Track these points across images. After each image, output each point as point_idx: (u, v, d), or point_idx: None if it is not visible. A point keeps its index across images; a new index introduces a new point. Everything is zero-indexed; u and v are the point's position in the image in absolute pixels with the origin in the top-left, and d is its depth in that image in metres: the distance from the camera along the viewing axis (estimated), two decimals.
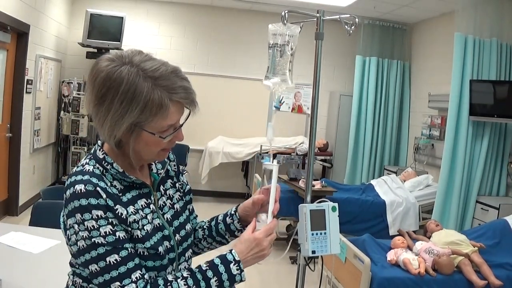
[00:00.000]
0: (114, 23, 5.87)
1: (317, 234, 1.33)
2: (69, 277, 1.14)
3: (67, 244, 1.07)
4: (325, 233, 1.34)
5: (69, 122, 5.77)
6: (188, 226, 1.22)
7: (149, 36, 6.43)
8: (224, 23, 6.64)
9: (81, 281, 1.10)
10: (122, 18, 5.88)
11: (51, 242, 2.22)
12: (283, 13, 1.39)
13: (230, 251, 1.10)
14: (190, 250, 1.23)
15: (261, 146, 6.06)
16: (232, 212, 1.28)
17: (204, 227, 1.32)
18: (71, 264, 1.12)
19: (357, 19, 1.50)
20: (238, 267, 1.07)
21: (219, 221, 1.30)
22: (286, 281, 3.94)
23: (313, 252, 1.33)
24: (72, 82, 5.85)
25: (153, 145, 1.07)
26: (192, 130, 6.46)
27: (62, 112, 5.85)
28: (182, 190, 1.28)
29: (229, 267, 1.07)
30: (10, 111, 4.69)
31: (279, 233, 4.56)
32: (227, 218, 1.28)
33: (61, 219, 1.06)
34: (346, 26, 1.51)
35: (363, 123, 6.28)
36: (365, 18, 6.21)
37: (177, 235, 1.16)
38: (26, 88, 4.82)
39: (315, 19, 1.48)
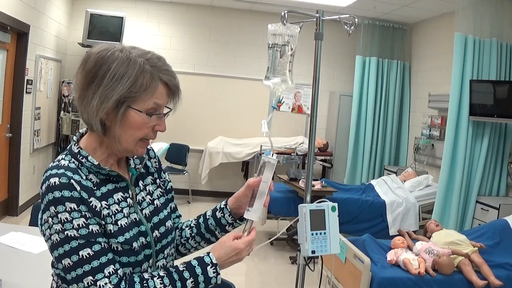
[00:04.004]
0: (114, 23, 5.87)
1: (317, 234, 1.33)
2: (53, 277, 1.14)
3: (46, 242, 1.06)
4: (324, 233, 1.34)
5: (69, 122, 5.77)
6: (168, 223, 1.20)
7: (149, 36, 6.44)
8: (224, 23, 6.64)
9: (60, 281, 1.09)
10: (122, 18, 5.88)
11: None
12: (282, 13, 1.39)
13: (208, 253, 1.11)
14: (170, 248, 1.20)
15: (261, 146, 6.06)
16: (222, 206, 1.27)
17: (191, 225, 1.30)
18: (52, 265, 1.11)
19: (356, 19, 1.51)
20: (215, 270, 1.08)
21: (208, 217, 1.28)
22: (286, 281, 3.94)
23: (313, 252, 1.33)
24: (72, 82, 5.85)
25: (137, 128, 1.06)
26: (192, 130, 6.47)
27: (62, 112, 5.86)
28: (164, 187, 1.26)
29: (206, 269, 1.08)
30: (10, 111, 4.69)
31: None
32: (217, 213, 1.27)
33: (39, 216, 1.05)
34: (345, 26, 1.51)
35: (363, 123, 6.28)
36: (365, 18, 6.21)
37: (156, 231, 1.15)
38: (26, 88, 4.82)
39: (315, 19, 1.48)
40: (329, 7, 5.74)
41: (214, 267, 1.08)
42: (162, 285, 1.03)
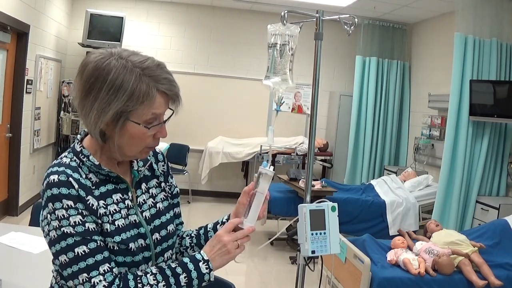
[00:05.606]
0: (114, 23, 5.87)
1: (316, 234, 1.33)
2: (53, 274, 1.15)
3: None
4: (324, 233, 1.34)
5: (69, 122, 5.77)
6: (170, 227, 1.20)
7: (149, 36, 6.44)
8: (224, 23, 6.64)
9: (59, 278, 1.11)
10: (122, 18, 5.88)
11: None
12: (282, 13, 1.39)
13: (199, 252, 1.12)
14: (171, 252, 1.21)
15: (261, 146, 6.06)
16: (224, 220, 1.27)
17: (192, 235, 1.31)
18: (52, 261, 1.12)
19: (356, 19, 1.51)
20: (207, 266, 1.09)
21: (209, 229, 1.29)
22: (286, 281, 3.94)
23: (313, 252, 1.33)
24: (72, 82, 5.85)
25: (138, 139, 1.07)
26: (192, 130, 6.47)
27: (62, 112, 5.86)
28: (169, 192, 1.27)
29: (199, 265, 1.09)
30: (10, 111, 4.69)
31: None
32: (218, 226, 1.27)
33: (40, 212, 1.07)
34: (345, 26, 1.51)
35: (363, 123, 6.28)
36: (365, 18, 6.21)
37: (156, 234, 1.16)
38: (26, 88, 4.82)
39: (315, 19, 1.48)
40: (329, 7, 5.74)
41: (206, 263, 1.09)
42: (155, 281, 1.05)
